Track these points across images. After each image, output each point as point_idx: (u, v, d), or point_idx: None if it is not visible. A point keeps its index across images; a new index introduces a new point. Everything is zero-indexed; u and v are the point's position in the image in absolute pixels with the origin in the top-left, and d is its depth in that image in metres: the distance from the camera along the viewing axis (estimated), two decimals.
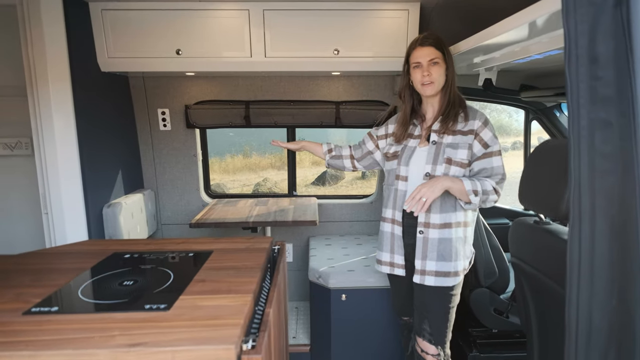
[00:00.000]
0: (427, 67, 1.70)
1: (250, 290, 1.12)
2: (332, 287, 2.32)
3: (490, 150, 1.70)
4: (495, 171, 1.70)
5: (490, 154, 1.70)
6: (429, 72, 1.69)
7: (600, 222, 0.91)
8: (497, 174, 1.70)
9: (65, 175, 2.12)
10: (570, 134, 0.93)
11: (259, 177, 10.95)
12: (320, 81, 2.80)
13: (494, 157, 1.70)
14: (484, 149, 1.69)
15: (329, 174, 10.95)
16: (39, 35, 1.98)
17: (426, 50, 1.71)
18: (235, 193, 4.49)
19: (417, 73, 1.72)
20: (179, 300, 1.06)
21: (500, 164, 1.71)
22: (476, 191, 1.63)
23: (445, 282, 1.72)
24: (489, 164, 1.70)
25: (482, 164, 1.70)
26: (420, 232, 1.73)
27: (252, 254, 1.42)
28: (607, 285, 0.91)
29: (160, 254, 1.43)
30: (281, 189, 9.61)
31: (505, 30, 1.49)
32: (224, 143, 11.60)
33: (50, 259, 1.39)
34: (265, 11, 2.26)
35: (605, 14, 0.87)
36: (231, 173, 11.38)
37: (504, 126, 13.35)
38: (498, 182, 1.70)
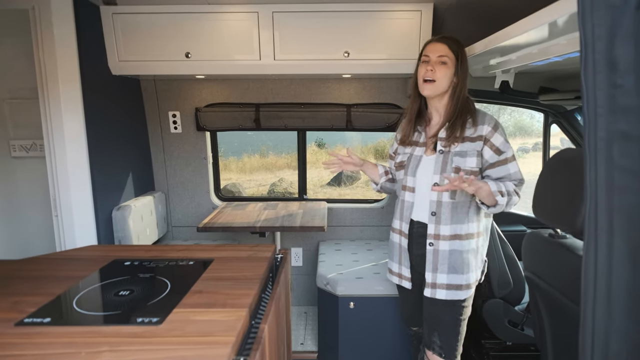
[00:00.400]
0: (433, 63, 1.62)
1: (246, 304, 1.08)
2: (340, 295, 2.27)
3: (504, 156, 1.61)
4: (513, 177, 1.62)
5: (505, 161, 1.61)
6: (434, 69, 1.61)
7: (619, 242, 0.84)
8: (515, 179, 1.62)
9: (75, 178, 2.14)
10: (586, 146, 0.86)
11: (275, 177, 10.97)
12: (331, 83, 2.75)
13: (509, 163, 1.61)
14: (497, 156, 1.61)
15: (344, 175, 10.89)
16: (50, 38, 2.00)
17: (438, 46, 1.63)
18: (245, 196, 4.47)
19: (423, 67, 1.64)
20: (172, 314, 1.03)
21: (517, 169, 1.63)
22: (502, 192, 1.54)
23: (457, 295, 1.65)
24: (505, 171, 1.61)
25: (499, 171, 1.62)
26: (430, 244, 1.66)
27: (253, 264, 1.39)
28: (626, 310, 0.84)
29: (161, 262, 1.41)
30: (296, 190, 9.62)
31: (522, 32, 1.42)
32: (242, 143, 11.68)
33: (52, 265, 1.39)
34: (274, 13, 2.23)
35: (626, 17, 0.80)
36: (248, 173, 11.45)
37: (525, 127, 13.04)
38: (517, 185, 1.62)
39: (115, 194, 2.43)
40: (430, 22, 2.24)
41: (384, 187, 1.94)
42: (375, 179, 1.94)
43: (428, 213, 1.66)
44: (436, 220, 1.64)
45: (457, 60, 1.63)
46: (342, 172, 11.07)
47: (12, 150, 2.78)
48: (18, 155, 2.79)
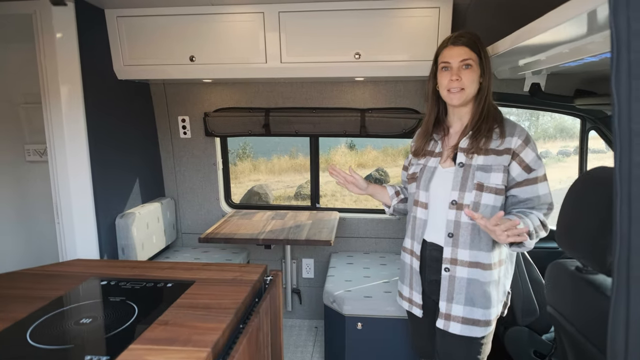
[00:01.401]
0: (457, 70, 1.41)
1: (210, 342, 0.95)
2: (346, 314, 2.11)
3: (534, 175, 1.39)
4: (543, 200, 1.39)
5: (535, 180, 1.39)
6: (459, 77, 1.41)
7: None
8: (544, 203, 1.39)
9: (76, 184, 2.09)
10: (617, 173, 0.67)
11: (303, 179, 10.90)
12: (345, 87, 2.59)
13: (539, 183, 1.39)
14: (526, 174, 1.39)
15: (373, 177, 10.65)
16: (50, 42, 1.96)
17: (458, 50, 1.42)
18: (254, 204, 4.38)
19: (445, 76, 1.44)
20: (126, 351, 0.92)
21: (548, 191, 1.40)
22: (530, 232, 1.30)
23: (474, 332, 1.44)
24: (534, 193, 1.39)
25: (527, 192, 1.40)
26: (445, 269, 1.46)
27: (236, 288, 1.26)
28: None
29: (138, 282, 1.31)
30: (323, 192, 9.50)
31: (549, 27, 1.21)
32: (272, 143, 11.70)
33: (27, 283, 1.32)
34: (280, 13, 2.10)
35: None
36: (277, 174, 11.44)
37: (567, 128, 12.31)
38: (546, 214, 1.39)
39: (119, 201, 2.38)
40: (449, 20, 2.04)
41: (397, 209, 1.76)
42: (387, 202, 1.76)
43: (444, 234, 1.46)
44: (453, 243, 1.44)
45: (481, 58, 1.43)
46: (370, 174, 10.88)
47: (26, 155, 2.81)
48: (32, 160, 2.81)
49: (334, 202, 9.62)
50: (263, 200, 9.11)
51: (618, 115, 0.64)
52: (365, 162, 12.02)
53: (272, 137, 2.75)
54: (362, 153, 12.46)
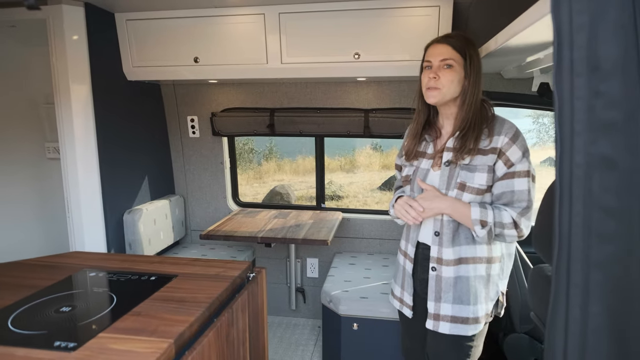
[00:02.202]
0: (436, 69, 1.39)
1: (175, 333, 0.98)
2: (342, 314, 2.11)
3: (512, 170, 1.34)
4: (518, 196, 1.33)
5: (512, 174, 1.34)
6: (437, 75, 1.37)
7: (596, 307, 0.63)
8: (520, 200, 1.33)
9: (85, 181, 2.19)
10: (557, 173, 0.65)
11: (327, 180, 10.91)
12: (349, 87, 2.59)
13: (516, 178, 1.33)
14: (506, 168, 1.35)
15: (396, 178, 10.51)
16: (61, 46, 2.06)
17: (440, 49, 1.39)
18: (260, 203, 4.43)
19: (425, 75, 1.42)
20: (93, 339, 0.96)
21: (526, 187, 1.33)
22: (484, 222, 1.31)
23: (463, 330, 1.42)
24: (509, 187, 1.34)
25: (502, 186, 1.36)
26: (432, 268, 1.45)
27: (215, 283, 1.29)
28: None
29: (124, 275, 1.36)
30: (346, 193, 9.50)
31: (529, 24, 1.17)
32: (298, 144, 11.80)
33: (24, 272, 1.39)
34: (280, 15, 2.12)
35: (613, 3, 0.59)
36: (301, 174, 11.52)
37: None
38: (521, 213, 1.33)
39: (128, 198, 2.47)
40: (449, 19, 2.01)
41: None
42: None
43: (432, 233, 1.46)
44: (439, 242, 1.43)
45: (465, 60, 1.39)
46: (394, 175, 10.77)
47: (47, 152, 2.95)
48: (52, 157, 2.95)
49: (356, 203, 9.60)
50: (285, 200, 9.19)
51: (559, 114, 0.62)
52: (390, 163, 11.91)
53: (298, 138, 2.79)
54: (388, 154, 12.36)
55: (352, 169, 11.63)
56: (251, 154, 11.18)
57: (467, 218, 1.34)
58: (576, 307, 0.62)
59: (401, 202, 1.47)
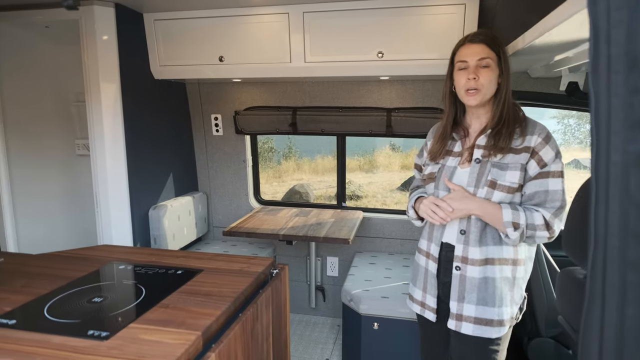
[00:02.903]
0: (474, 69, 1.37)
1: (202, 326, 1.01)
2: (362, 314, 2.11)
3: (547, 169, 1.33)
4: (552, 197, 1.32)
5: (546, 174, 1.33)
6: (477, 76, 1.36)
7: (633, 310, 0.62)
8: (554, 200, 1.32)
9: (113, 177, 2.25)
10: (594, 174, 0.64)
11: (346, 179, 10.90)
12: (371, 86, 2.59)
13: (550, 178, 1.32)
14: (539, 168, 1.34)
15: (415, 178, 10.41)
16: (93, 46, 2.13)
17: (476, 48, 1.38)
18: (281, 201, 4.45)
19: (462, 76, 1.40)
20: (125, 329, 0.99)
21: (560, 187, 1.32)
22: (517, 224, 1.29)
23: (487, 333, 1.40)
24: (542, 186, 1.33)
25: (536, 185, 1.34)
26: (456, 267, 1.43)
27: (238, 278, 1.32)
28: None
29: (151, 268, 1.39)
30: (365, 193, 9.46)
31: (560, 21, 1.15)
32: (317, 143, 11.83)
33: (56, 264, 1.45)
34: (305, 14, 2.14)
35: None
36: (320, 174, 11.54)
37: None
38: (554, 214, 1.32)
39: (153, 194, 2.53)
40: (475, 17, 1.98)
41: None
42: None
43: (457, 232, 1.44)
44: (465, 241, 1.42)
45: (500, 59, 1.38)
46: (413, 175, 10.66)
47: (77, 149, 3.05)
48: (81, 154, 3.04)
49: (375, 202, 9.56)
50: (304, 199, 9.22)
51: (595, 112, 0.61)
52: (409, 163, 11.81)
53: (318, 137, 2.81)
54: (407, 154, 12.25)
55: (372, 169, 11.59)
56: (270, 153, 11.25)
57: (498, 220, 1.32)
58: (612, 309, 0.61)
59: (427, 203, 1.45)
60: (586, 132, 10.01)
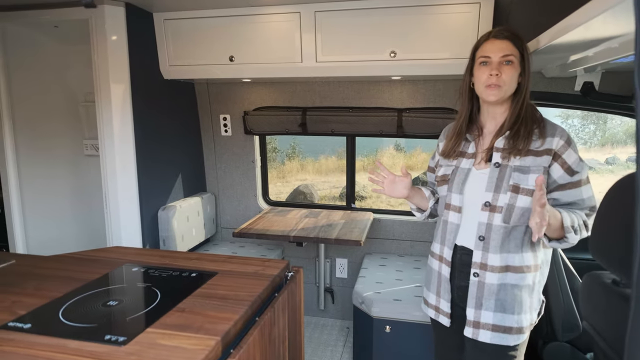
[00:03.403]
0: (497, 65, 1.34)
1: (221, 331, 0.98)
2: (374, 316, 2.08)
3: (578, 178, 1.32)
4: (587, 203, 1.34)
5: (579, 183, 1.33)
6: (499, 72, 1.33)
7: None
8: (588, 206, 1.34)
9: (122, 178, 2.24)
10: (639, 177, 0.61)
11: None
12: (382, 86, 2.56)
13: (583, 186, 1.33)
14: (569, 176, 1.32)
15: (421, 180, 10.39)
16: (103, 45, 2.11)
17: (500, 44, 1.34)
18: (290, 202, 4.44)
19: (484, 71, 1.36)
20: (143, 334, 0.97)
21: (591, 194, 1.34)
22: (575, 227, 1.28)
23: (505, 340, 1.37)
24: (578, 196, 1.33)
25: (572, 195, 1.34)
26: (474, 274, 1.40)
27: (254, 281, 1.29)
28: None
29: (165, 271, 1.37)
30: (369, 194, 9.44)
31: (584, 21, 1.12)
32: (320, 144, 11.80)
33: (68, 265, 1.43)
34: (316, 13, 2.12)
35: None
36: (323, 174, 11.52)
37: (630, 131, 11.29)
38: (588, 215, 1.34)
39: (162, 194, 2.51)
40: (490, 16, 1.96)
41: (434, 210, 1.65)
42: (423, 205, 1.65)
43: (475, 237, 1.41)
44: (484, 247, 1.38)
45: (522, 57, 1.36)
46: (418, 176, 10.60)
47: (85, 149, 3.04)
48: (89, 154, 3.03)
49: (379, 204, 9.51)
50: (308, 200, 9.20)
51: None
52: (414, 164, 11.76)
53: (321, 138, 2.79)
54: (411, 155, 12.20)
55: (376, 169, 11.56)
56: (274, 153, 11.24)
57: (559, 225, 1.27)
58: None
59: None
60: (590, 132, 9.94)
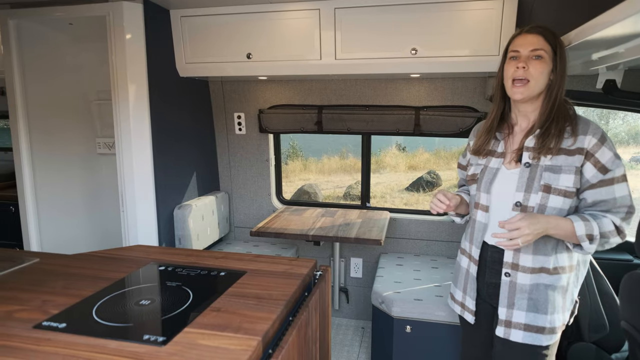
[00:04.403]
0: (525, 59, 1.31)
1: (260, 331, 0.96)
2: (395, 316, 2.06)
3: (611, 175, 1.27)
4: (620, 203, 1.27)
5: (610, 181, 1.27)
6: (526, 65, 1.30)
7: None
8: (622, 206, 1.27)
9: (139, 176, 2.22)
10: None
11: (353, 180, 10.86)
12: (399, 84, 2.54)
13: (616, 184, 1.27)
14: (601, 175, 1.28)
15: (424, 179, 10.37)
16: (121, 42, 2.09)
17: (531, 39, 1.32)
18: (304, 201, 4.41)
19: (511, 65, 1.33)
20: (181, 333, 0.95)
21: (626, 192, 1.28)
22: (592, 236, 1.24)
23: (538, 340, 1.36)
24: (609, 195, 1.27)
25: (600, 194, 1.29)
26: (506, 274, 1.39)
27: (285, 281, 1.27)
28: None
29: (193, 270, 1.35)
30: (373, 193, 9.43)
31: (626, 16, 1.10)
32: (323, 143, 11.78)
33: (94, 264, 1.41)
34: (336, 10, 2.10)
35: None
36: (326, 174, 11.50)
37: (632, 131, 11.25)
38: (624, 218, 1.28)
39: (178, 193, 2.49)
40: (514, 13, 1.93)
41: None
42: (463, 212, 1.62)
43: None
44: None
45: (555, 54, 1.32)
46: (421, 176, 10.58)
47: (97, 147, 3.02)
48: (102, 152, 3.01)
49: (383, 203, 9.47)
50: (312, 199, 9.19)
51: None
52: (416, 164, 11.74)
53: (323, 138, 2.77)
54: (414, 155, 12.17)
55: (378, 170, 11.52)
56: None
57: (572, 235, 1.26)
58: None
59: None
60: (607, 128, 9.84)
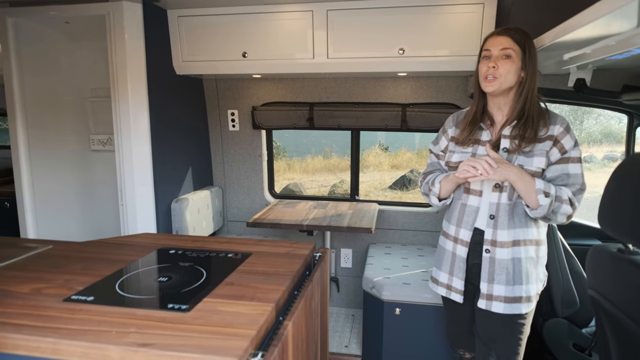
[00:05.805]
0: (495, 59, 1.47)
1: (273, 299, 1.08)
2: (385, 300, 2.20)
3: (567, 156, 1.47)
4: (573, 180, 1.47)
5: (567, 160, 1.47)
6: (496, 65, 1.46)
7: None
8: (575, 183, 1.47)
9: (138, 171, 2.29)
10: None
11: (337, 179, 11.00)
12: (387, 82, 2.68)
13: (571, 163, 1.47)
14: (560, 155, 1.48)
15: (407, 178, 10.59)
16: (121, 41, 2.17)
17: (500, 40, 1.48)
18: (296, 195, 4.52)
19: (484, 64, 1.50)
20: (201, 303, 1.06)
21: (579, 172, 1.47)
22: (548, 193, 1.42)
23: (517, 309, 1.52)
24: (564, 170, 1.47)
25: (557, 169, 1.48)
26: (486, 250, 1.54)
27: (289, 260, 1.38)
28: None
29: (201, 252, 1.45)
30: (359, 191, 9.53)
31: (592, 19, 1.26)
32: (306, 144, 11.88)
33: (106, 249, 1.49)
34: (329, 11, 2.22)
35: None
36: (310, 173, 11.61)
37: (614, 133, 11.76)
38: (575, 193, 1.47)
39: (175, 187, 2.57)
40: (493, 16, 2.09)
41: None
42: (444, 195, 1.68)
43: (486, 217, 1.55)
44: (494, 225, 1.53)
45: (524, 53, 1.48)
46: (404, 175, 10.80)
47: (91, 144, 3.06)
48: (96, 149, 3.06)
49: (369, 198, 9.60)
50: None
51: None
52: (399, 163, 11.96)
53: (307, 138, 2.89)
54: (396, 154, 12.38)
55: (362, 169, 11.70)
56: None
57: (531, 187, 1.42)
58: None
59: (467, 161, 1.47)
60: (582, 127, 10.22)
